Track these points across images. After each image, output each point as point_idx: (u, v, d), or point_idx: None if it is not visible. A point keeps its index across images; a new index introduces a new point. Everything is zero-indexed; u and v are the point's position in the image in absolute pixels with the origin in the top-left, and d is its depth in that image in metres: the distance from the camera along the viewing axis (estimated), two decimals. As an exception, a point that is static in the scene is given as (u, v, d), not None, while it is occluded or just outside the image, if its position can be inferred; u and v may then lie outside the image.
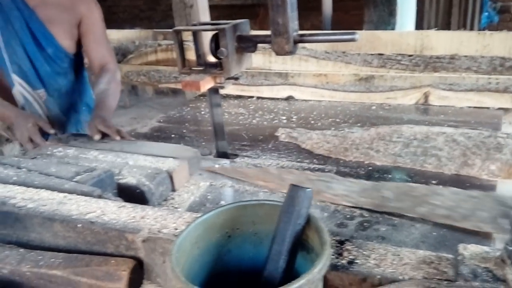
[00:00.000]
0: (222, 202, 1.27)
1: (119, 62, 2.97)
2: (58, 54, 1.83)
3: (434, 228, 1.09)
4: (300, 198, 0.70)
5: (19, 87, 1.83)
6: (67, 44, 1.83)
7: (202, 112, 2.20)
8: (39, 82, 1.84)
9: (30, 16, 1.74)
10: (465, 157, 1.40)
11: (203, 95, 2.44)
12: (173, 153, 1.42)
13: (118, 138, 1.55)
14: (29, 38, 1.76)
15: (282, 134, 1.75)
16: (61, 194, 1.07)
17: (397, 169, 1.42)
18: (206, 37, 1.31)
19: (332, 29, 3.32)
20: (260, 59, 2.41)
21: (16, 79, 1.81)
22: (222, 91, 1.50)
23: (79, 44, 1.89)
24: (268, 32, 1.21)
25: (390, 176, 1.39)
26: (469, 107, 1.99)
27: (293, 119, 1.99)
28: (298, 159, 1.53)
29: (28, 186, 1.11)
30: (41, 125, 1.61)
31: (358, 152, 1.51)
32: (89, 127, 1.59)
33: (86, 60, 1.97)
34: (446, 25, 6.14)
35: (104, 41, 1.90)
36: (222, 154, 1.58)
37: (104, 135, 1.57)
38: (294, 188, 0.72)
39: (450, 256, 0.80)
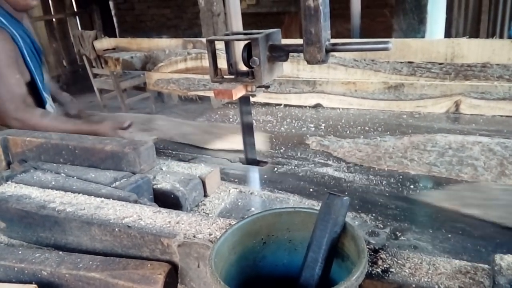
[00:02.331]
0: (253, 209, 1.29)
1: (149, 70, 3.04)
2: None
3: (468, 239, 1.08)
4: (337, 206, 0.71)
5: (49, 104, 1.98)
6: None
7: (231, 120, 2.22)
8: (49, 93, 2.02)
9: (31, 35, 1.91)
10: (502, 166, 1.38)
11: (230, 102, 2.47)
12: None
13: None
14: (36, 56, 1.92)
15: (313, 142, 1.75)
16: (98, 199, 1.09)
17: (432, 178, 1.41)
18: (238, 46, 1.33)
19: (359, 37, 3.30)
20: (288, 67, 2.42)
21: (45, 95, 1.95)
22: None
23: None
24: (300, 41, 1.22)
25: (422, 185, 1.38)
26: (501, 116, 1.95)
27: (321, 127, 1.99)
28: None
29: (66, 191, 1.15)
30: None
31: (392, 161, 1.50)
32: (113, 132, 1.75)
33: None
34: (475, 32, 6.03)
35: None
36: (251, 161, 1.59)
37: None
38: (331, 197, 0.72)
39: (486, 266, 0.79)
